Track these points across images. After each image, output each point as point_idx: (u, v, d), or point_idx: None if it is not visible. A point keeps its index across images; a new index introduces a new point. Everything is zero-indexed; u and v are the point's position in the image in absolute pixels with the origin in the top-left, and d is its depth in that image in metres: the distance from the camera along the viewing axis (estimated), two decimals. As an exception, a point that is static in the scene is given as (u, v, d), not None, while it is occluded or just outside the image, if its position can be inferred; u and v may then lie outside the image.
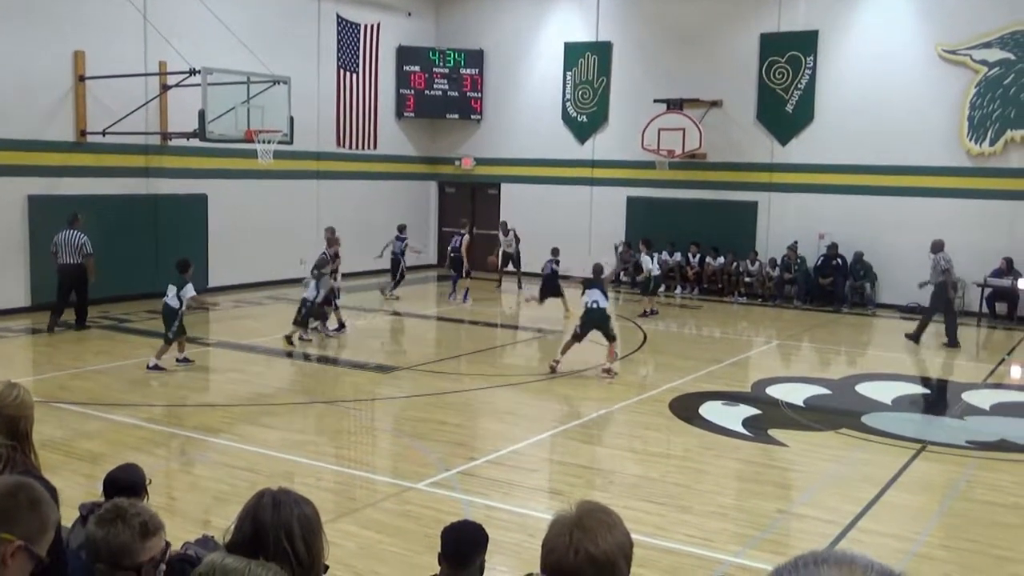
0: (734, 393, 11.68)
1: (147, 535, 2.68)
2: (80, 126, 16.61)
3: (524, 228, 23.30)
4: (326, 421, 10.27)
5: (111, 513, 2.73)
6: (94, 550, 2.67)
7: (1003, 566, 6.50)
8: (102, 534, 2.66)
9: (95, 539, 2.68)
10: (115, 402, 10.35)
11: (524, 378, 12.25)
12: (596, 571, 2.15)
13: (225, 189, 19.09)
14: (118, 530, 2.65)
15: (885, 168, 19.22)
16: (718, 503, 7.69)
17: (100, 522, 2.70)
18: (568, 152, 22.98)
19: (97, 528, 2.69)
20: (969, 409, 11.24)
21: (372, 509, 7.32)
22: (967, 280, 18.48)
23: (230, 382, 11.91)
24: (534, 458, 8.97)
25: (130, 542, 2.65)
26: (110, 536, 2.65)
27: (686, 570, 6.17)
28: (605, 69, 22.42)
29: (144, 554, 2.66)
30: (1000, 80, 18.20)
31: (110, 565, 2.65)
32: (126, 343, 13.90)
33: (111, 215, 16.98)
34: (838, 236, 19.43)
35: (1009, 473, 8.70)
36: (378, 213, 23.16)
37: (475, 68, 24.03)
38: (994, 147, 18.32)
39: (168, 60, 17.02)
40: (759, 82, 20.57)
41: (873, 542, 6.79)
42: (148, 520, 2.72)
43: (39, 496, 2.52)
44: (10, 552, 2.39)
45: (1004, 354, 15.13)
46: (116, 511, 2.74)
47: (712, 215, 21.13)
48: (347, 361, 12.95)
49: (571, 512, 2.26)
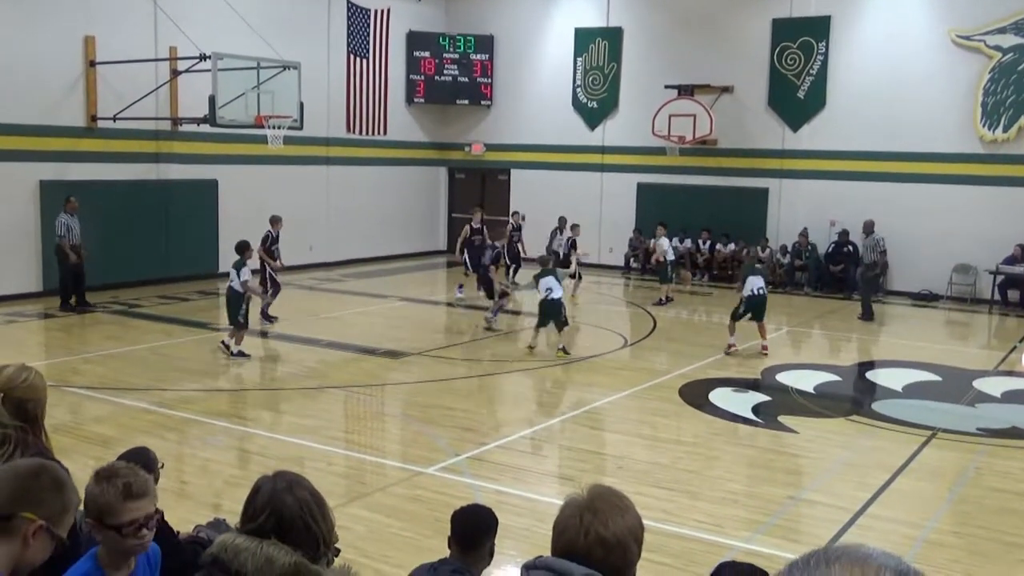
0: (744, 380, 11.66)
1: (129, 497, 2.72)
2: (91, 111, 16.63)
3: (534, 214, 23.28)
4: (336, 406, 10.29)
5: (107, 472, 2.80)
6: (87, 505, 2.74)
7: (1013, 552, 6.49)
8: (92, 490, 2.74)
9: (89, 495, 2.75)
10: (126, 386, 10.40)
11: (534, 364, 12.25)
12: (606, 553, 2.16)
13: (235, 175, 19.10)
14: (103, 488, 2.72)
15: (897, 155, 19.10)
16: (728, 489, 7.68)
17: (96, 478, 2.79)
18: (578, 138, 22.91)
19: (92, 484, 2.77)
20: (980, 396, 11.19)
21: (382, 493, 7.34)
22: (979, 267, 18.41)
23: (240, 367, 11.93)
24: (544, 443, 8.98)
25: (113, 501, 2.70)
26: (97, 493, 2.72)
27: (696, 555, 6.17)
28: (615, 55, 22.32)
29: (125, 515, 2.70)
30: (1014, 66, 18.05)
31: (96, 521, 2.71)
32: (136, 328, 13.95)
33: (121, 201, 17.03)
34: (849, 223, 19.34)
35: (1019, 460, 8.67)
36: (388, 199, 23.17)
37: (485, 54, 23.95)
38: (1007, 133, 18.18)
39: (178, 45, 17.01)
40: (771, 68, 20.44)
41: (883, 528, 6.79)
42: (133, 482, 2.76)
43: (62, 479, 2.57)
44: (32, 531, 2.42)
45: (1016, 341, 15.06)
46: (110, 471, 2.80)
47: (723, 202, 21.05)
48: (357, 346, 12.96)
49: (583, 495, 2.26)
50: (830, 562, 1.00)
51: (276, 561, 2.37)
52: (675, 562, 6.05)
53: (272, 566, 2.37)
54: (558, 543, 2.23)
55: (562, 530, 2.22)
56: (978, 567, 6.17)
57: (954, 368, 12.68)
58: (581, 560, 2.14)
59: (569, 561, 2.15)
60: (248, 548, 2.39)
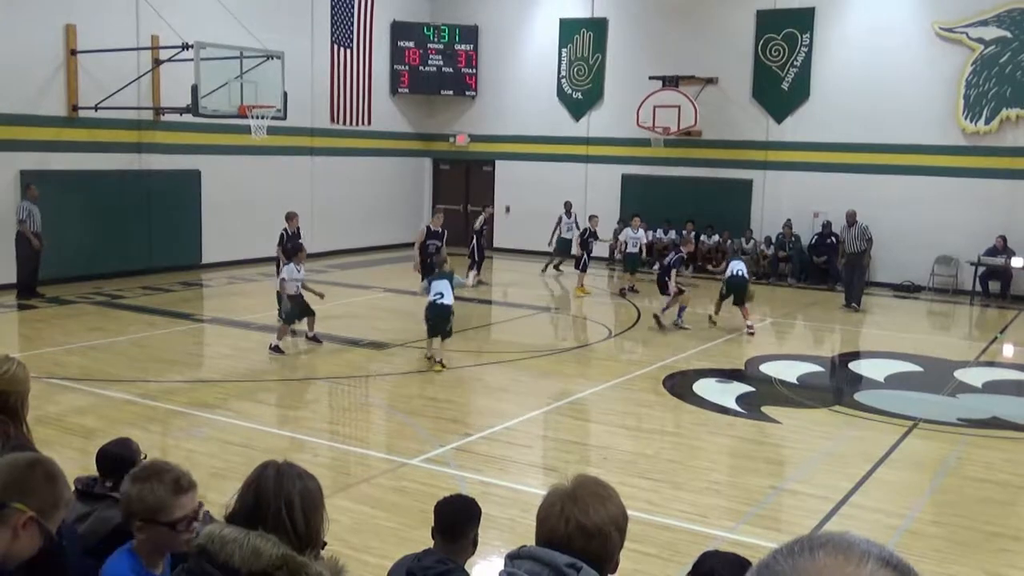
0: (728, 370, 11.71)
1: (180, 491, 2.77)
2: (72, 101, 16.49)
3: (518, 205, 23.29)
4: (321, 397, 10.27)
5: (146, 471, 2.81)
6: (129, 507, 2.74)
7: (993, 542, 6.55)
8: (136, 491, 2.75)
9: (130, 496, 2.76)
10: (109, 377, 10.34)
11: (518, 355, 12.26)
12: (587, 541, 2.18)
13: (218, 165, 18.99)
14: (152, 486, 2.75)
15: (880, 146, 19.19)
16: (712, 479, 7.72)
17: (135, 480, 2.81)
18: (563, 129, 22.89)
19: (132, 485, 2.77)
20: (961, 387, 11.28)
21: (367, 485, 7.34)
22: (961, 259, 18.54)
23: (224, 358, 11.90)
24: (528, 434, 8.99)
25: (165, 498, 2.74)
26: (144, 492, 2.75)
27: (680, 546, 6.20)
28: (600, 46, 22.30)
29: (178, 510, 2.75)
30: (996, 58, 18.15)
31: (146, 521, 2.72)
32: (119, 319, 13.87)
33: (103, 191, 16.91)
34: (833, 215, 19.42)
35: (1000, 450, 8.75)
36: (372, 190, 23.10)
37: (470, 44, 23.88)
38: (989, 126, 18.29)
39: (160, 34, 16.86)
40: (755, 59, 20.48)
41: (865, 518, 6.84)
42: (180, 477, 2.82)
43: (55, 473, 2.59)
44: (22, 522, 2.43)
45: (996, 332, 15.18)
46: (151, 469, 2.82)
47: (707, 193, 21.09)
48: (342, 338, 12.94)
49: (566, 485, 2.28)
50: (814, 549, 1.00)
51: (263, 553, 2.36)
52: (659, 552, 6.08)
53: (259, 558, 2.36)
54: (540, 531, 2.25)
55: (544, 518, 2.25)
56: (959, 556, 6.23)
57: (936, 359, 12.77)
58: (563, 548, 2.16)
59: (552, 550, 2.17)
60: (235, 539, 2.38)
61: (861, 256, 16.62)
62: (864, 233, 16.62)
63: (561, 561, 2.12)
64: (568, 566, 2.11)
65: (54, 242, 15.40)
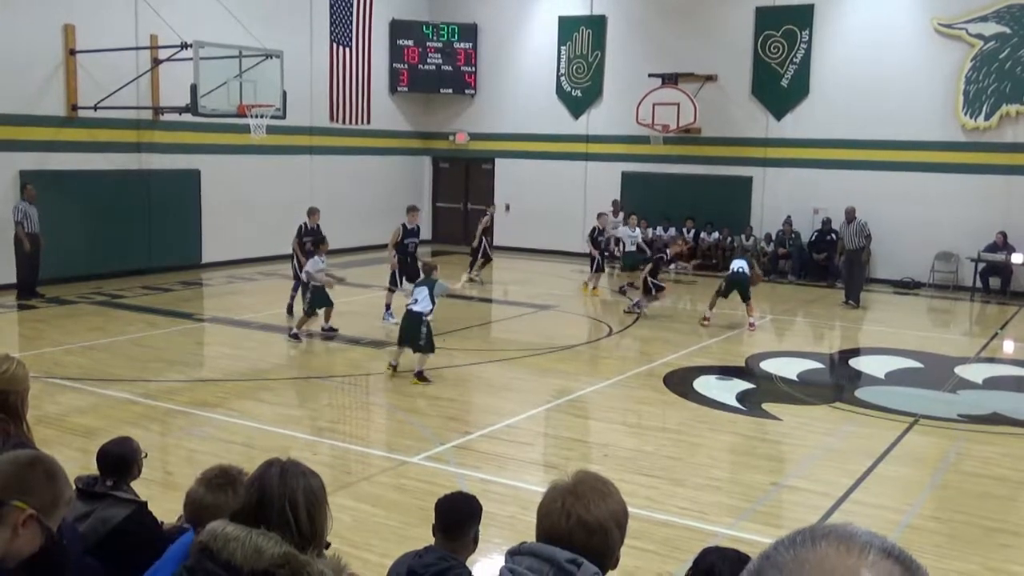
0: (728, 367, 11.71)
1: None
2: (71, 100, 16.49)
3: (518, 204, 23.27)
4: (321, 396, 10.27)
5: (222, 478, 2.75)
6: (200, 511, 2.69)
7: (993, 537, 6.55)
8: (212, 499, 2.68)
9: (205, 503, 2.70)
10: (109, 377, 10.34)
11: (519, 353, 12.26)
12: (587, 536, 2.18)
13: (218, 164, 18.99)
14: (229, 497, 2.67)
15: (880, 143, 19.18)
16: (712, 476, 7.73)
17: (211, 486, 2.72)
18: (562, 127, 22.88)
19: (207, 493, 2.71)
20: (962, 383, 11.28)
21: (367, 483, 7.34)
22: (961, 255, 18.54)
23: (224, 357, 11.90)
24: (529, 432, 8.99)
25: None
26: (221, 501, 2.67)
27: (680, 542, 6.21)
28: (599, 43, 22.29)
29: None
30: (996, 54, 18.14)
31: None
32: (119, 319, 13.87)
33: (103, 191, 16.92)
34: (832, 211, 19.41)
35: (1000, 446, 8.75)
36: (372, 188, 23.09)
37: (469, 42, 23.87)
38: (989, 121, 18.28)
39: (159, 34, 16.86)
40: (754, 56, 20.47)
41: (865, 514, 6.84)
42: None
43: (56, 471, 2.58)
44: (22, 520, 2.42)
45: (997, 328, 15.18)
46: (226, 476, 2.76)
47: (707, 190, 21.09)
48: (342, 337, 12.93)
49: (567, 480, 2.28)
50: (816, 540, 1.00)
51: (265, 551, 2.36)
52: (659, 548, 6.09)
53: (261, 556, 2.36)
54: (541, 527, 2.26)
55: (545, 514, 2.25)
56: (959, 551, 6.24)
57: (936, 355, 12.77)
58: (564, 544, 2.16)
59: (553, 546, 2.17)
60: (237, 537, 2.38)
61: (860, 253, 16.63)
62: (863, 230, 16.62)
63: (562, 557, 2.12)
64: (569, 562, 2.11)
65: (54, 242, 15.41)
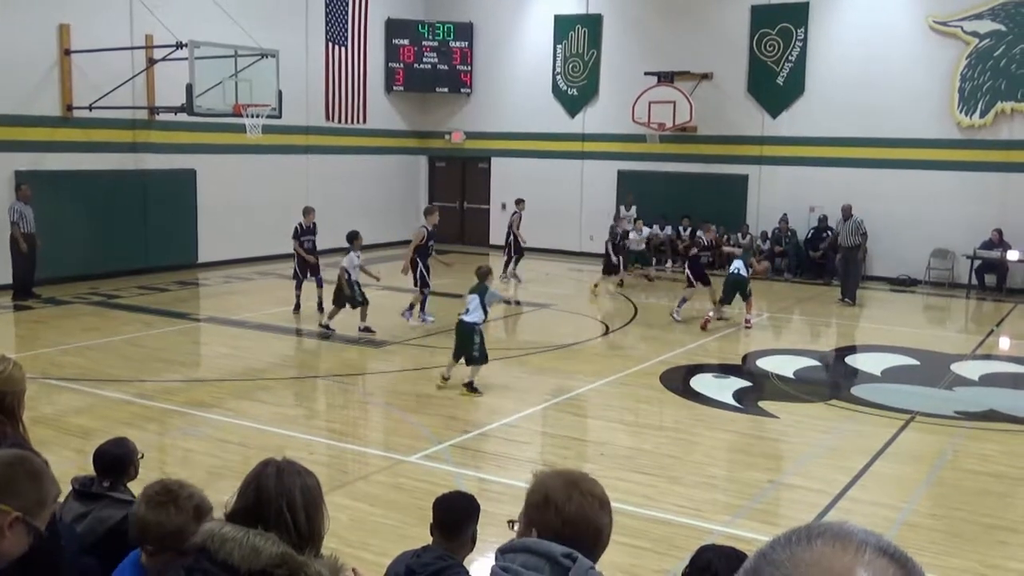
0: (725, 365, 11.72)
1: (200, 517, 2.66)
2: (66, 101, 16.46)
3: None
4: (318, 395, 10.27)
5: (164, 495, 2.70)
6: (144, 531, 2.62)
7: (990, 533, 6.56)
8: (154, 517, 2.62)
9: (146, 521, 2.62)
10: (105, 377, 10.33)
11: (517, 352, 12.26)
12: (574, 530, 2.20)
13: (214, 164, 18.96)
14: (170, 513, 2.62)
15: (875, 140, 19.20)
16: (709, 474, 7.73)
17: (152, 504, 2.65)
18: (558, 126, 22.88)
19: (148, 510, 2.63)
20: (958, 380, 11.30)
21: (364, 482, 7.34)
22: (957, 252, 18.56)
23: (221, 357, 11.89)
24: (526, 431, 9.00)
25: (184, 526, 2.63)
26: (163, 518, 2.61)
27: (677, 539, 6.21)
28: (595, 42, 22.29)
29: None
30: (991, 52, 18.16)
31: (159, 547, 2.62)
32: (115, 319, 13.85)
33: (99, 191, 16.89)
34: (828, 209, 19.44)
35: (996, 443, 8.77)
36: (368, 188, 23.08)
37: (464, 41, 23.86)
38: (984, 119, 18.31)
39: (154, 33, 16.85)
40: (750, 54, 20.48)
41: (862, 511, 6.85)
42: (200, 503, 2.71)
43: (39, 469, 2.52)
44: (7, 523, 2.37)
45: (993, 325, 15.21)
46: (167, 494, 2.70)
47: (703, 188, 21.10)
48: (339, 336, 12.93)
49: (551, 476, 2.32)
50: (812, 538, 1.00)
51: (262, 551, 2.36)
52: (656, 546, 6.09)
53: (258, 556, 2.35)
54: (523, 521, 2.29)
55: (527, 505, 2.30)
56: (956, 548, 6.24)
57: (932, 352, 12.79)
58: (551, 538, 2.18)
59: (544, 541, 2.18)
60: (234, 538, 2.38)
61: (856, 250, 16.68)
62: (859, 227, 16.66)
63: (558, 552, 2.12)
64: (565, 556, 2.11)
65: (50, 242, 15.37)
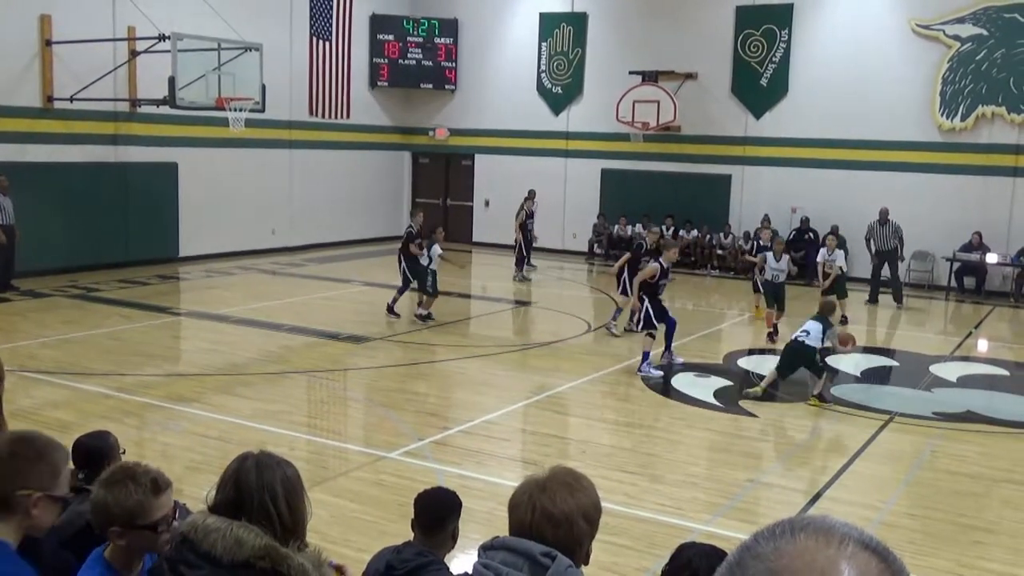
0: (706, 365, 11.76)
1: (159, 491, 2.68)
2: (47, 92, 16.31)
3: (498, 200, 23.26)
4: (299, 391, 10.24)
5: (119, 474, 2.71)
6: (105, 514, 2.63)
7: (967, 534, 6.62)
8: (112, 497, 2.63)
9: (105, 503, 2.63)
10: (84, 371, 10.26)
11: (498, 349, 12.26)
12: (553, 529, 2.20)
13: (196, 157, 18.85)
14: (129, 490, 2.63)
15: (857, 142, 19.31)
16: (689, 472, 7.76)
17: (108, 484, 2.66)
18: (543, 123, 22.89)
19: (107, 492, 2.64)
20: (936, 381, 11.38)
21: (345, 478, 7.32)
22: (936, 255, 18.69)
23: (201, 352, 11.83)
24: (507, 428, 9.00)
25: (143, 500, 2.63)
26: (122, 497, 2.62)
27: (657, 538, 6.23)
28: (580, 40, 22.31)
29: (158, 511, 2.66)
30: (972, 56, 18.30)
31: (125, 526, 2.62)
32: (95, 312, 13.75)
33: (79, 183, 16.75)
34: (810, 210, 19.54)
35: (974, 444, 8.84)
36: (351, 183, 23.02)
37: (449, 37, 23.82)
38: (965, 122, 18.45)
39: (137, 25, 16.73)
40: (734, 55, 20.56)
41: (840, 511, 6.88)
42: (157, 477, 2.72)
43: (42, 447, 2.61)
44: (33, 502, 2.50)
45: (971, 328, 15.33)
46: (124, 472, 2.72)
47: (686, 188, 21.17)
48: (320, 331, 12.89)
49: (540, 475, 2.31)
50: (795, 531, 1.01)
51: (245, 543, 2.36)
52: (636, 544, 6.11)
53: (241, 547, 2.35)
54: (510, 520, 2.29)
55: (513, 507, 2.29)
56: (933, 548, 6.30)
57: (911, 353, 12.88)
58: (531, 537, 2.18)
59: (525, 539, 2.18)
60: (218, 529, 2.37)
61: (894, 253, 16.85)
62: (897, 231, 16.80)
63: (537, 551, 2.13)
64: (543, 555, 2.12)
65: (29, 235, 15.24)
